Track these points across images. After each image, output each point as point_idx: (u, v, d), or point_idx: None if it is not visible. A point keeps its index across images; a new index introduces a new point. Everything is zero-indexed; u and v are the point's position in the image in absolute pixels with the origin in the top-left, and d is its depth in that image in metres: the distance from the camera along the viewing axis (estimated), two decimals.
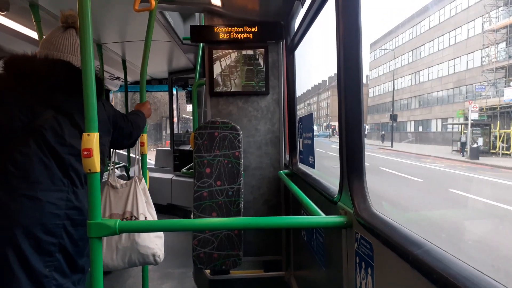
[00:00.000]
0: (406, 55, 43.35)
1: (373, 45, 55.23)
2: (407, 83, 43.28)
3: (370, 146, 35.28)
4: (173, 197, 5.69)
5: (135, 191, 2.03)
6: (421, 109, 39.52)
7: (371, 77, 55.45)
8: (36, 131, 1.43)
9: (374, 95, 53.89)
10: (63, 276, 1.47)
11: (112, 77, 5.80)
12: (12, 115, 1.40)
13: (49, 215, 1.41)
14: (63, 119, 1.49)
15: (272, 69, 3.08)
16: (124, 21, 3.24)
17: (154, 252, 1.98)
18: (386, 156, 23.61)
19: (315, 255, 2.07)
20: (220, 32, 2.93)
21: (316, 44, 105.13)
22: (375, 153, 26.47)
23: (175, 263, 3.77)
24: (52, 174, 1.44)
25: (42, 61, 1.49)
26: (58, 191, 1.44)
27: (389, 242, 1.05)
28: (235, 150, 2.72)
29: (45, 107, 1.45)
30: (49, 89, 1.46)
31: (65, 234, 1.45)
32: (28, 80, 1.44)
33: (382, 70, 51.40)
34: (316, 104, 79.14)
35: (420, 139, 36.41)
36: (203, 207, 2.70)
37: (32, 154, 1.41)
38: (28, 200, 1.38)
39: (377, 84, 53.29)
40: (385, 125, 48.17)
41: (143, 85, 2.43)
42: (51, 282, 1.43)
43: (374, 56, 54.73)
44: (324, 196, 1.82)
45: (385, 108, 48.60)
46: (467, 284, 0.71)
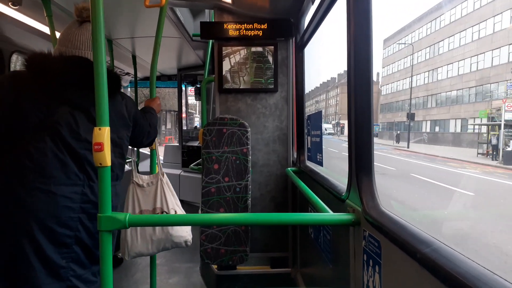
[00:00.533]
0: (423, 51, 40.81)
1: (386, 41, 53.16)
2: (423, 80, 40.73)
3: (384, 146, 33.70)
4: (181, 192, 5.72)
5: (162, 188, 2.14)
6: (438, 108, 37.12)
7: (384, 74, 53.57)
8: (52, 127, 1.45)
9: (387, 92, 52.38)
10: (81, 267, 1.51)
11: (122, 73, 5.83)
12: (28, 112, 1.42)
13: (63, 208, 1.43)
14: (79, 114, 1.50)
15: (281, 66, 3.08)
16: (135, 17, 3.25)
17: (186, 239, 2.15)
18: (406, 158, 21.71)
19: (322, 252, 2.08)
20: (229, 28, 2.93)
21: (325, 40, 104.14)
22: (392, 154, 24.87)
23: (183, 258, 3.80)
24: (67, 169, 1.46)
25: (57, 59, 1.51)
26: (73, 185, 1.47)
27: (397, 240, 1.05)
28: (243, 146, 2.73)
29: (61, 104, 1.47)
30: (63, 85, 1.48)
31: (81, 227, 1.48)
32: (43, 77, 1.46)
33: (396, 67, 49.32)
34: (324, 101, 77.66)
35: (437, 140, 34.09)
36: (211, 203, 2.71)
37: (48, 149, 1.43)
38: (42, 194, 1.40)
39: (390, 81, 51.39)
40: (397, 124, 46.52)
41: (153, 81, 2.44)
42: (68, 272, 1.46)
43: (388, 53, 52.94)
44: (332, 194, 1.82)
45: (399, 106, 46.96)
46: (477, 283, 0.71)
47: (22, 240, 1.37)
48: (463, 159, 20.03)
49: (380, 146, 32.89)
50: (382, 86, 53.82)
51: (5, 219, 1.38)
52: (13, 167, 1.41)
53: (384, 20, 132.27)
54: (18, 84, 1.45)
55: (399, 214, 1.18)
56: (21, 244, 1.37)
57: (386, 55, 53.22)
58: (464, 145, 28.47)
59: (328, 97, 75.47)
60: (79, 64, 1.53)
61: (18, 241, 1.37)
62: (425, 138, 35.94)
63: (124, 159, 1.78)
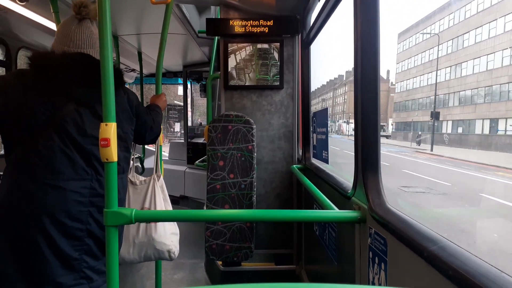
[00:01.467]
0: (444, 45, 36.82)
1: (402, 35, 49.77)
2: (444, 77, 36.92)
3: (401, 148, 30.65)
4: (186, 189, 5.74)
5: (154, 188, 2.08)
6: (461, 107, 33.19)
7: (398, 70, 50.36)
8: (58, 124, 1.47)
9: (402, 90, 48.66)
10: (94, 258, 1.54)
11: (128, 69, 5.85)
12: (34, 109, 1.44)
13: (73, 202, 1.46)
14: (84, 110, 1.52)
15: (287, 63, 3.07)
16: (141, 14, 3.26)
17: (169, 249, 2.03)
18: (440, 164, 18.26)
19: (327, 249, 2.07)
20: (235, 25, 2.92)
21: (333, 37, 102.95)
22: (418, 158, 21.55)
23: (188, 254, 3.81)
24: (75, 165, 1.48)
25: (59, 56, 1.52)
26: (81, 180, 1.49)
27: (403, 237, 1.05)
28: (248, 143, 2.73)
29: (66, 101, 1.49)
30: (67, 82, 1.49)
31: (92, 220, 1.51)
32: (47, 75, 1.47)
33: (413, 62, 45.45)
34: (331, 99, 74.90)
35: (460, 143, 30.02)
36: (216, 199, 2.72)
37: (55, 146, 1.45)
38: (52, 189, 1.43)
39: (405, 78, 47.64)
40: (409, 124, 43.54)
41: (159, 77, 2.44)
42: (82, 264, 1.50)
43: (403, 47, 49.19)
44: (338, 191, 1.82)
45: (415, 105, 43.92)
46: (484, 281, 0.70)
47: (35, 234, 1.40)
48: (506, 166, 16.67)
49: (397, 148, 30.21)
50: (396, 83, 50.45)
51: (17, 214, 1.41)
52: (23, 164, 1.44)
53: (399, 13, 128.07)
54: (24, 82, 1.46)
55: None
56: (35, 238, 1.40)
57: (401, 50, 49.59)
58: (492, 148, 25.01)
59: (335, 95, 73.19)
60: (82, 61, 1.54)
61: (31, 236, 1.40)
62: (445, 140, 32.22)
63: (129, 153, 1.80)
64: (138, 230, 2.00)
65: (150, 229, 1.99)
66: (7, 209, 1.42)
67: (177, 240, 2.11)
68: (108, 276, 1.26)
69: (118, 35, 3.91)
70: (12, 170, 1.46)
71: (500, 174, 14.85)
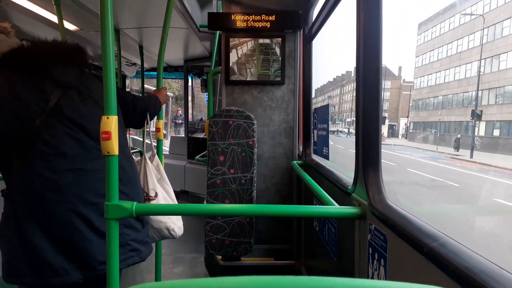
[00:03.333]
0: (477, 34, 31.71)
1: (422, 25, 43.53)
2: (474, 71, 32.22)
3: (426, 152, 26.45)
4: (186, 183, 5.75)
5: (145, 168, 2.04)
6: (499, 106, 27.69)
7: (418, 64, 44.37)
8: (55, 110, 1.47)
9: (422, 86, 42.98)
10: (135, 230, 1.56)
11: (129, 63, 5.84)
12: (29, 104, 1.43)
13: (97, 180, 1.47)
14: (71, 92, 1.53)
15: (289, 58, 3.06)
16: (142, 7, 3.24)
17: (167, 226, 1.98)
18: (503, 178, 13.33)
19: (326, 245, 2.08)
20: (237, 20, 2.91)
21: (339, 33, 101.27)
22: (471, 170, 15.98)
23: (187, 248, 3.83)
24: (85, 145, 1.49)
25: (31, 43, 1.53)
26: (96, 158, 1.50)
27: (403, 234, 1.05)
28: (249, 139, 2.73)
29: (53, 86, 1.49)
30: (48, 66, 1.49)
31: (120, 193, 1.47)
32: (28, 66, 1.48)
33: (436, 55, 39.54)
34: (338, 97, 70.34)
35: (496, 147, 24.34)
36: (216, 194, 2.72)
37: (60, 132, 1.46)
38: (72, 173, 1.44)
39: (426, 73, 41.53)
40: (431, 125, 38.63)
41: (160, 71, 2.44)
42: (126, 237, 1.52)
43: (424, 39, 43.34)
44: (338, 187, 1.82)
45: (438, 103, 38.68)
46: (484, 277, 0.71)
47: (71, 220, 1.40)
48: None
49: (425, 152, 26.15)
50: (416, 78, 44.81)
51: (46, 205, 1.40)
52: (36, 156, 1.42)
53: (416, 5, 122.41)
54: (7, 80, 1.45)
55: None
56: (72, 223, 1.40)
57: (422, 42, 43.16)
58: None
59: (342, 92, 69.22)
60: (54, 44, 1.55)
61: (68, 222, 1.40)
62: (477, 144, 26.57)
63: (125, 135, 1.80)
64: None
65: None
66: (35, 204, 1.40)
67: (176, 217, 2.05)
68: (108, 269, 1.27)
69: (119, 29, 3.90)
70: (23, 168, 1.43)
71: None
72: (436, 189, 11.13)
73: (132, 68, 6.28)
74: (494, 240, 6.64)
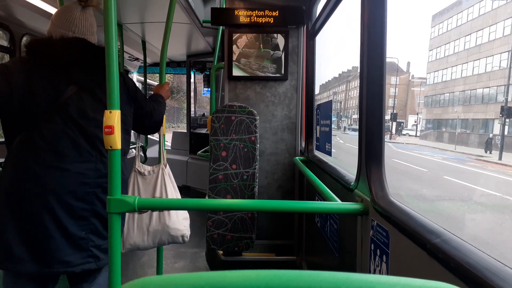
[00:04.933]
0: (500, 24, 28.98)
1: (436, 17, 41.32)
2: (498, 64, 29.17)
3: (446, 152, 24.30)
4: (188, 178, 5.76)
5: (163, 177, 2.10)
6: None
7: (432, 58, 42.38)
8: (61, 107, 1.49)
9: (436, 81, 41.05)
10: (100, 238, 1.58)
11: (131, 58, 5.84)
12: (37, 95, 1.46)
13: (78, 183, 1.50)
14: (85, 94, 1.54)
15: (292, 54, 3.05)
16: (145, 2, 3.24)
17: (183, 233, 2.08)
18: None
19: (328, 241, 2.08)
20: (240, 15, 2.90)
21: (346, 28, 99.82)
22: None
23: (189, 243, 3.82)
24: (79, 147, 1.51)
25: (59, 41, 1.54)
26: (86, 162, 1.52)
27: (406, 230, 1.05)
28: (251, 134, 2.73)
29: (67, 84, 1.51)
30: (67, 66, 1.51)
31: (97, 200, 1.55)
32: (48, 59, 1.49)
33: (452, 48, 37.35)
34: (344, 92, 69.11)
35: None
36: (218, 190, 2.73)
37: (59, 129, 1.48)
38: (57, 171, 1.47)
39: (440, 67, 39.70)
40: (444, 122, 36.62)
41: (162, 66, 2.43)
42: (89, 243, 1.54)
43: (438, 31, 40.94)
44: (340, 183, 1.82)
45: (453, 99, 36.60)
46: (487, 274, 0.70)
47: (42, 215, 1.44)
48: None
49: (443, 152, 24.11)
50: (429, 73, 42.86)
51: (24, 196, 1.45)
52: (28, 148, 1.46)
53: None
54: (26, 68, 1.48)
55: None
56: (42, 218, 1.44)
57: (436, 35, 41.62)
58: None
59: (348, 87, 67.97)
60: (79, 45, 1.56)
61: (38, 216, 1.44)
62: (498, 144, 24.13)
63: (129, 134, 1.81)
64: (151, 218, 2.03)
65: (164, 217, 2.02)
66: (14, 191, 1.45)
67: (188, 224, 2.15)
68: (110, 264, 1.27)
69: (122, 24, 3.89)
70: (17, 154, 1.48)
71: None
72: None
73: (135, 63, 6.27)
74: None
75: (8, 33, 3.41)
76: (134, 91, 1.77)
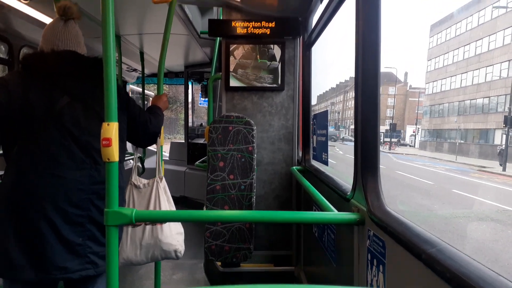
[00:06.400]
0: (500, 34, 29.03)
1: (435, 27, 41.63)
2: (497, 74, 29.26)
3: (448, 163, 23.50)
4: (186, 189, 5.75)
5: (157, 191, 2.09)
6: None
7: (430, 68, 42.46)
8: (55, 117, 1.53)
9: (435, 91, 41.19)
10: (98, 244, 1.59)
11: (129, 69, 5.86)
12: (33, 104, 1.50)
13: (74, 190, 1.53)
14: (77, 104, 1.58)
15: (288, 65, 3.08)
16: (143, 14, 3.27)
17: (176, 249, 2.06)
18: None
19: (326, 251, 2.08)
20: (237, 26, 2.93)
21: (341, 39, 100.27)
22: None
23: (187, 254, 3.79)
24: (73, 155, 1.55)
25: (51, 54, 1.59)
26: (80, 170, 1.55)
27: (402, 240, 1.05)
28: (248, 144, 2.74)
29: (61, 94, 1.55)
30: (60, 76, 1.57)
31: (93, 206, 1.57)
32: (41, 72, 1.55)
33: (451, 57, 37.45)
34: (342, 103, 68.28)
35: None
36: (215, 200, 2.72)
37: (54, 138, 1.52)
38: (53, 178, 1.50)
39: (439, 77, 39.87)
40: (442, 132, 36.62)
41: (160, 77, 2.45)
42: (86, 249, 1.56)
43: (437, 41, 41.13)
44: (337, 193, 1.82)
45: (453, 109, 36.38)
46: (482, 284, 0.71)
47: (38, 222, 1.46)
48: None
49: (454, 165, 23.01)
50: (427, 83, 43.07)
51: (21, 204, 1.47)
52: (24, 156, 1.50)
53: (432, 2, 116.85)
54: (23, 80, 1.53)
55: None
56: (38, 226, 1.46)
57: (435, 44, 41.56)
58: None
59: (346, 98, 67.27)
60: (70, 57, 1.61)
61: (35, 223, 1.46)
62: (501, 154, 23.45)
63: (124, 142, 1.83)
64: (144, 232, 2.01)
65: (156, 230, 2.01)
66: (12, 199, 1.48)
67: (182, 239, 2.14)
68: (108, 275, 1.26)
69: (120, 35, 3.92)
70: (14, 163, 1.52)
71: None
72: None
73: (133, 74, 6.30)
74: None
75: (7, 45, 3.43)
76: (128, 99, 1.80)
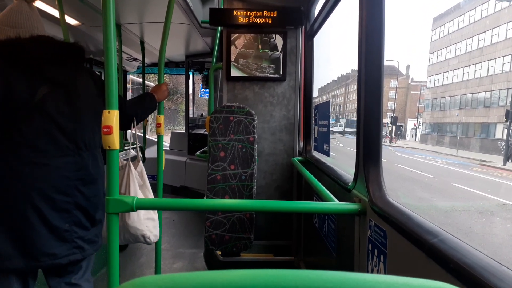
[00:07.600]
0: (503, 27, 28.64)
1: (437, 20, 41.00)
2: (502, 67, 28.77)
3: (448, 157, 23.51)
4: (187, 179, 5.75)
5: (128, 174, 2.09)
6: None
7: (433, 61, 42.02)
8: (38, 104, 1.52)
9: (437, 85, 40.70)
10: (84, 229, 1.63)
11: (130, 58, 5.82)
12: (16, 92, 1.49)
13: (59, 177, 1.54)
14: (58, 91, 1.58)
15: (290, 55, 3.06)
16: (144, 2, 3.23)
17: (143, 234, 2.06)
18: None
19: (326, 241, 2.09)
20: (239, 16, 2.90)
21: (345, 30, 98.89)
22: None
23: (187, 244, 3.84)
24: (57, 142, 1.55)
25: (29, 41, 1.56)
26: (64, 156, 1.57)
27: (404, 230, 1.05)
28: (249, 135, 2.73)
29: (42, 82, 1.54)
30: (41, 63, 1.54)
31: (78, 192, 1.60)
32: (22, 60, 1.52)
33: (453, 51, 37.07)
34: (343, 95, 68.71)
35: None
36: (216, 190, 2.73)
37: (37, 126, 1.51)
38: (37, 166, 1.51)
39: (442, 70, 39.47)
40: (444, 126, 36.48)
41: (161, 67, 2.43)
42: (73, 235, 1.59)
43: (439, 34, 40.63)
44: (338, 184, 1.82)
45: (454, 102, 36.09)
46: (485, 274, 0.71)
47: (25, 209, 1.48)
48: None
49: (454, 159, 22.78)
50: (429, 76, 42.50)
51: (6, 192, 1.48)
52: (8, 145, 1.50)
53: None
54: (3, 68, 1.50)
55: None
56: (26, 213, 1.48)
57: (437, 38, 41.10)
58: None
59: (348, 90, 67.56)
60: (48, 43, 1.59)
61: (22, 211, 1.48)
62: (500, 148, 24.05)
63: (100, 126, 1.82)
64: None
65: (123, 214, 2.00)
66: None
67: (153, 226, 2.12)
68: (109, 264, 1.27)
69: (121, 24, 3.89)
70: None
71: None
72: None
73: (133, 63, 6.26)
74: None
75: None
76: (101, 83, 1.78)
